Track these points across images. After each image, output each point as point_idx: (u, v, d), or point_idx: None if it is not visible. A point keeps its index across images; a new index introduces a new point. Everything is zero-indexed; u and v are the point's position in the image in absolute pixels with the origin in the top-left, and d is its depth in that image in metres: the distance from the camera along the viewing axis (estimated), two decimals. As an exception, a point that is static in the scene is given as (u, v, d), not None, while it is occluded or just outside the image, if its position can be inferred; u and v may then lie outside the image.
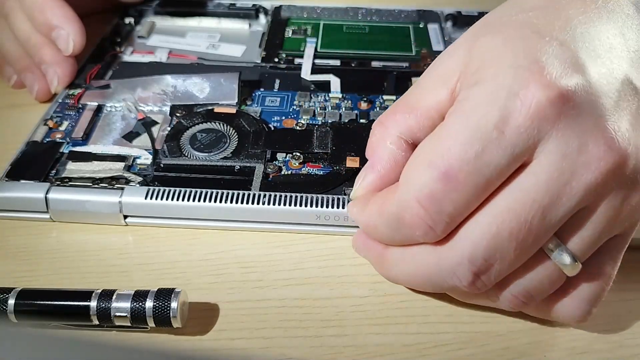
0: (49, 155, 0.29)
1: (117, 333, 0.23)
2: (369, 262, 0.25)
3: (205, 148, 0.30)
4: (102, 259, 0.26)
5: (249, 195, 0.27)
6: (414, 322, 0.24)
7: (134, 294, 0.22)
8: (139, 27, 0.40)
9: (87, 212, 0.27)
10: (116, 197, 0.27)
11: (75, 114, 0.32)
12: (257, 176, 0.28)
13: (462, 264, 0.21)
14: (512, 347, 0.23)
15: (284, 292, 0.25)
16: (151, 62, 0.37)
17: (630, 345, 0.23)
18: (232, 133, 0.31)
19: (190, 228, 0.27)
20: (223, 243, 0.27)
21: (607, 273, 0.22)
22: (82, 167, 0.29)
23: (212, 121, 0.31)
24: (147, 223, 0.27)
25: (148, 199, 0.27)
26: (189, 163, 0.29)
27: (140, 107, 0.32)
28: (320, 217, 0.27)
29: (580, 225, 0.21)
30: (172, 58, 0.38)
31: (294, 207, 0.27)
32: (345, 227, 0.27)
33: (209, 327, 0.24)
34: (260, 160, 0.29)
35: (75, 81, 0.34)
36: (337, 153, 0.30)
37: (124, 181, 0.28)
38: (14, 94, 0.35)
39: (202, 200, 0.27)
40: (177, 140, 0.30)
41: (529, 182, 0.20)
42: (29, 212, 0.27)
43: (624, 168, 0.20)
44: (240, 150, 0.30)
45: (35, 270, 0.26)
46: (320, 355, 0.23)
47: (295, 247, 0.27)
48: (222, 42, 0.39)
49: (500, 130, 0.20)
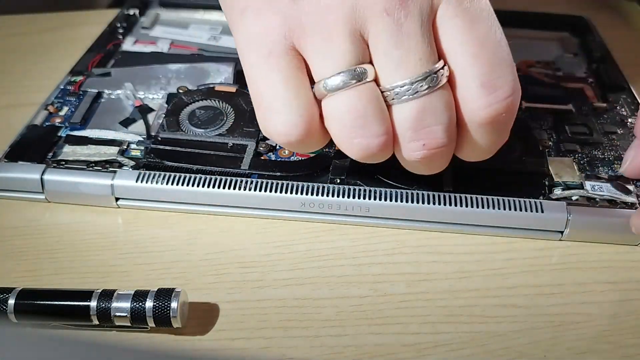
0: (47, 139, 0.30)
1: (117, 333, 0.23)
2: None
3: (202, 124, 0.31)
4: (103, 258, 0.26)
5: (237, 181, 0.27)
6: (414, 322, 0.24)
7: (134, 294, 0.22)
8: (143, 18, 0.41)
9: (81, 193, 0.28)
10: (108, 180, 0.28)
11: (76, 100, 0.33)
12: (248, 154, 0.29)
13: None
14: (512, 347, 0.23)
15: (284, 292, 0.25)
16: (153, 52, 0.38)
17: (630, 345, 0.23)
18: (229, 111, 0.32)
19: (180, 212, 0.28)
20: (223, 243, 0.27)
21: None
22: (78, 150, 0.29)
23: (212, 99, 0.32)
24: (138, 206, 0.28)
25: (139, 182, 0.28)
26: (185, 138, 0.30)
27: (138, 95, 0.33)
28: (305, 205, 0.27)
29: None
30: (174, 49, 0.38)
31: (280, 194, 0.27)
32: (329, 215, 0.27)
33: (209, 327, 0.24)
34: (252, 139, 0.30)
35: (77, 69, 0.35)
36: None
37: (118, 165, 0.29)
38: (14, 94, 0.35)
39: (190, 184, 0.27)
40: (177, 115, 0.31)
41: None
42: (25, 193, 0.28)
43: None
44: (235, 128, 0.31)
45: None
46: (320, 355, 0.23)
47: (295, 247, 0.27)
48: (224, 34, 0.40)
49: None
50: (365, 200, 0.27)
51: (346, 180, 0.28)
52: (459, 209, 0.27)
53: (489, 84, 0.22)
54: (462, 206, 0.27)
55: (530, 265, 0.26)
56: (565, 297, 0.25)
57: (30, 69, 0.38)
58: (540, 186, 0.28)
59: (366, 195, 0.27)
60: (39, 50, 0.40)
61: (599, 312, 0.24)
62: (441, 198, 0.27)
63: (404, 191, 0.27)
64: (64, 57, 0.37)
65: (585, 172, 0.29)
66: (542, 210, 0.27)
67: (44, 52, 0.40)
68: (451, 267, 0.26)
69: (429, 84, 0.22)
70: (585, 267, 0.26)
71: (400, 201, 0.27)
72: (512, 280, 0.25)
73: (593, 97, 0.34)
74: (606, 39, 0.39)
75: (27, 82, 0.37)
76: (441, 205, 0.27)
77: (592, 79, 0.36)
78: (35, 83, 0.35)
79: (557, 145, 0.31)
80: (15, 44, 0.41)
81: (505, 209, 0.27)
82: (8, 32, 0.42)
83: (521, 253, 0.27)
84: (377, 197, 0.27)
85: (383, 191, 0.27)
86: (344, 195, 0.27)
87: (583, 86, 0.35)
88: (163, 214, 0.28)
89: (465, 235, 0.27)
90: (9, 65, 0.39)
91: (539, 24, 0.41)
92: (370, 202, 0.27)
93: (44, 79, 0.35)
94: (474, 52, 0.22)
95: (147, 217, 0.28)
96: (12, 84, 0.37)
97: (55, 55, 0.39)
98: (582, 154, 0.30)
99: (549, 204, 0.27)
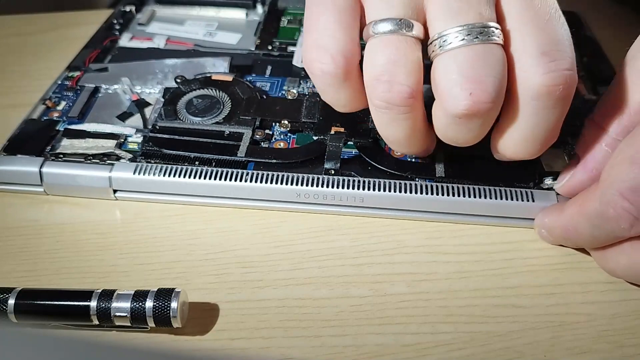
0: (46, 132, 0.30)
1: (117, 333, 0.23)
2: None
3: (199, 113, 0.31)
4: (103, 258, 0.26)
5: (233, 173, 0.28)
6: (414, 322, 0.24)
7: (134, 294, 0.22)
8: (139, 15, 0.41)
9: (79, 186, 0.28)
10: (106, 172, 0.28)
11: (73, 95, 0.33)
12: (244, 142, 0.30)
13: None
14: (512, 347, 0.23)
15: (284, 292, 0.25)
16: (149, 48, 0.38)
17: (630, 345, 0.23)
18: (226, 100, 0.32)
19: (177, 204, 0.29)
20: (223, 243, 0.27)
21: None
22: (76, 143, 0.30)
23: (209, 88, 0.33)
24: (136, 198, 0.29)
25: (136, 174, 0.28)
26: (182, 126, 0.31)
27: (135, 89, 0.34)
28: (300, 195, 0.28)
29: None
30: (170, 45, 0.39)
31: (277, 185, 0.27)
32: (324, 206, 0.28)
33: (209, 327, 0.24)
34: (249, 127, 0.30)
35: (74, 64, 0.36)
36: (324, 123, 0.31)
37: (115, 158, 0.29)
38: (14, 94, 0.35)
39: (187, 176, 0.28)
40: (174, 104, 0.32)
41: None
42: (24, 185, 0.29)
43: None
44: (232, 116, 0.31)
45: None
46: (320, 355, 0.23)
47: (295, 247, 0.27)
48: (219, 30, 0.40)
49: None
50: (359, 191, 0.27)
51: (341, 172, 0.28)
52: (450, 199, 0.27)
53: (550, 53, 0.22)
54: (453, 196, 0.27)
55: (530, 265, 0.26)
56: (565, 297, 0.25)
57: (30, 69, 0.38)
58: (531, 176, 0.28)
59: (360, 186, 0.27)
60: (39, 50, 0.40)
61: (599, 312, 0.24)
62: (433, 188, 0.27)
63: (397, 182, 0.28)
64: (63, 57, 0.37)
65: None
66: (532, 199, 0.27)
67: (44, 52, 0.40)
68: (451, 267, 0.26)
69: (485, 36, 0.22)
70: (585, 267, 0.26)
71: (394, 191, 0.27)
72: (512, 280, 0.25)
73: (584, 90, 0.35)
74: (597, 36, 0.39)
75: (26, 82, 0.37)
76: (433, 195, 0.27)
77: (583, 72, 0.36)
78: (35, 83, 0.35)
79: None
80: (15, 44, 0.41)
81: (496, 198, 0.27)
82: (8, 32, 0.42)
83: (521, 253, 0.27)
84: (370, 187, 0.27)
85: (377, 182, 0.28)
86: (338, 186, 0.27)
87: None
88: (162, 213, 0.28)
89: (465, 236, 0.27)
90: (9, 65, 0.39)
91: None
92: (364, 193, 0.27)
93: (45, 79, 0.35)
94: (537, 23, 0.22)
95: (146, 216, 0.28)
96: (13, 84, 0.37)
97: (55, 55, 0.39)
98: (573, 145, 0.30)
99: (539, 193, 0.27)
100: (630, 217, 0.22)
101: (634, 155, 0.22)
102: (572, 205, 0.25)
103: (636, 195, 0.22)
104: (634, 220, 0.22)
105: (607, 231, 0.23)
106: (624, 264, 0.24)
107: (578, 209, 0.24)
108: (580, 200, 0.24)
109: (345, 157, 0.29)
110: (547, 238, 0.27)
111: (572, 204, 0.25)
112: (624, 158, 0.22)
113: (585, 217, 0.24)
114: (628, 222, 0.22)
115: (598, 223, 0.23)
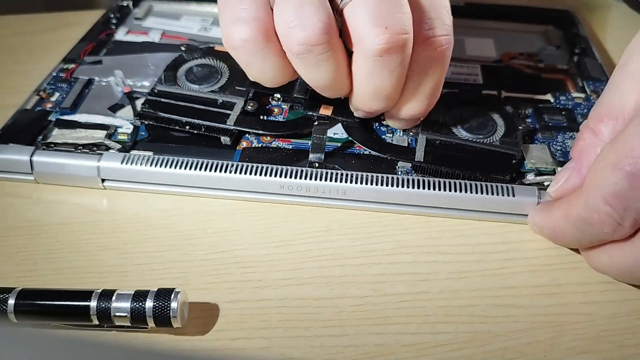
0: (38, 122, 0.31)
1: (117, 333, 0.23)
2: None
3: (197, 81, 0.33)
4: (102, 258, 0.26)
5: (219, 164, 0.28)
6: (414, 322, 0.24)
7: (134, 294, 0.22)
8: (136, 9, 0.42)
9: (68, 175, 0.29)
10: (95, 162, 0.29)
11: (67, 86, 0.34)
12: (235, 111, 0.31)
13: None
14: (512, 347, 0.23)
15: (284, 292, 0.25)
16: (144, 41, 0.38)
17: (630, 345, 0.23)
18: (225, 70, 0.33)
19: (163, 194, 0.29)
20: (223, 243, 0.27)
21: None
22: (67, 133, 0.30)
23: (211, 57, 0.34)
24: (123, 187, 0.29)
25: (124, 164, 0.29)
26: (179, 92, 0.32)
27: (127, 82, 0.34)
28: (284, 187, 0.28)
29: None
30: (165, 39, 0.39)
31: (261, 176, 0.28)
32: (307, 198, 0.28)
33: (209, 327, 0.24)
34: (242, 97, 0.32)
35: (70, 57, 0.36)
36: (314, 101, 0.31)
37: (105, 148, 0.30)
38: (14, 94, 0.35)
39: (172, 167, 0.28)
40: (175, 71, 0.33)
41: None
42: (15, 174, 0.30)
43: None
44: (227, 86, 0.32)
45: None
46: (320, 355, 0.23)
47: (295, 247, 0.27)
48: (214, 25, 0.40)
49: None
50: (342, 184, 0.28)
51: (324, 165, 0.29)
52: (431, 192, 0.28)
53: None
54: (435, 189, 0.27)
55: (530, 265, 0.26)
56: (565, 297, 0.25)
57: (31, 68, 0.38)
58: (513, 170, 0.28)
59: (342, 179, 0.28)
60: (39, 50, 0.40)
61: (599, 312, 0.24)
62: (414, 182, 0.28)
63: (379, 175, 0.28)
64: (62, 57, 0.37)
65: (559, 159, 0.29)
66: (513, 194, 0.27)
67: (44, 51, 0.40)
68: (451, 267, 0.26)
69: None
70: (585, 267, 0.26)
71: (376, 185, 0.28)
72: (512, 280, 0.25)
73: (572, 87, 0.35)
74: (589, 34, 0.40)
75: (26, 82, 0.37)
76: (414, 188, 0.28)
77: (572, 70, 0.36)
78: (35, 83, 0.35)
79: (533, 133, 0.31)
80: (15, 44, 0.41)
81: (477, 192, 0.27)
82: (8, 32, 0.42)
83: (521, 253, 0.27)
84: (353, 180, 0.28)
85: (359, 175, 0.28)
86: (321, 179, 0.28)
87: (563, 77, 0.36)
88: (162, 213, 0.28)
89: (465, 236, 0.27)
90: (9, 65, 0.39)
91: (524, 17, 0.42)
92: (347, 185, 0.28)
93: (43, 78, 0.35)
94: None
95: (145, 217, 0.28)
96: (13, 84, 0.37)
97: (55, 55, 0.39)
98: (557, 142, 0.30)
99: (520, 189, 0.27)
100: (613, 223, 0.22)
101: (616, 160, 0.22)
102: (558, 209, 0.25)
103: (618, 200, 0.22)
104: (616, 226, 0.22)
105: (592, 235, 0.24)
106: (606, 261, 0.24)
107: (564, 214, 0.25)
108: (566, 204, 0.25)
109: (330, 149, 0.30)
110: (541, 234, 0.27)
111: (558, 207, 0.25)
112: (607, 163, 0.22)
113: (571, 222, 0.24)
114: (611, 227, 0.23)
115: (583, 227, 0.24)
